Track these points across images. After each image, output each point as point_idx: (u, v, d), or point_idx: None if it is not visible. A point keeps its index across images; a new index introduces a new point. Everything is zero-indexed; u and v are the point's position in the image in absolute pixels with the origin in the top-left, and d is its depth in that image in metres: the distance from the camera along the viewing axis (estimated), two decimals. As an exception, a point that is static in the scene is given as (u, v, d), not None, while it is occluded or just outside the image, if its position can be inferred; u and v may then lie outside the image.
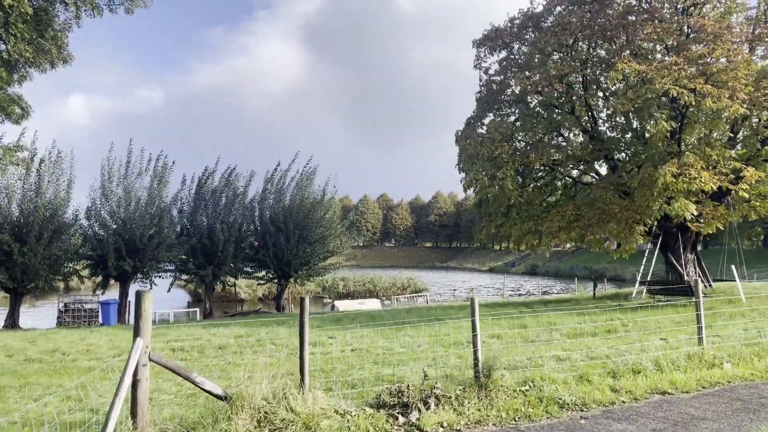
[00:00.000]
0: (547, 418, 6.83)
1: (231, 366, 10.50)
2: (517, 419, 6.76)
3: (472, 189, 20.93)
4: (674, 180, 14.96)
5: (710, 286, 22.54)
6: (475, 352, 7.78)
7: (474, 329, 7.88)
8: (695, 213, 15.89)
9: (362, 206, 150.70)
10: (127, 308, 25.26)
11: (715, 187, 15.44)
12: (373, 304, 31.58)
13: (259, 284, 36.77)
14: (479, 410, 6.92)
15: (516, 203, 21.54)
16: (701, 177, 14.93)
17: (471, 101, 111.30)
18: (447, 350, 11.52)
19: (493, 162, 20.17)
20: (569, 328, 14.43)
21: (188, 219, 28.71)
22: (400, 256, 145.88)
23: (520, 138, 21.72)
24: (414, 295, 48.08)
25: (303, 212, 30.08)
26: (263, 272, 31.43)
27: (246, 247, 30.05)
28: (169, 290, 28.26)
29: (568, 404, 7.20)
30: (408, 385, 7.43)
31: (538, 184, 22.77)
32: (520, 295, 48.93)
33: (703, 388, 7.82)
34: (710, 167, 15.72)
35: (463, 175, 21.46)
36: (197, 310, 30.07)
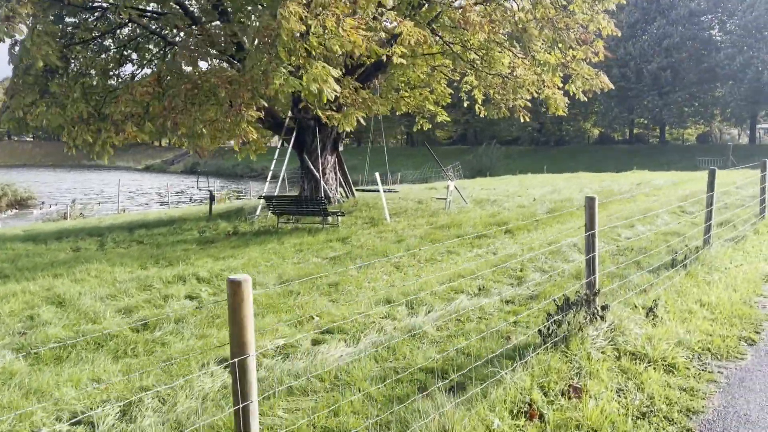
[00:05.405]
0: None
1: None
2: None
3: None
4: (303, 27, 8.20)
5: (353, 196, 17.81)
6: None
7: None
8: (337, 93, 9.56)
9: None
10: None
11: (364, 50, 9.11)
12: None
13: None
14: None
15: (58, 69, 12.53)
16: (345, 28, 8.41)
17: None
18: None
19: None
20: (132, 318, 6.80)
21: None
22: (38, 154, 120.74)
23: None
24: (19, 210, 35.37)
25: None
26: None
27: None
28: None
29: None
30: None
31: (100, 42, 13.87)
32: (158, 204, 40.10)
33: None
34: (354, 14, 9.28)
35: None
36: None
